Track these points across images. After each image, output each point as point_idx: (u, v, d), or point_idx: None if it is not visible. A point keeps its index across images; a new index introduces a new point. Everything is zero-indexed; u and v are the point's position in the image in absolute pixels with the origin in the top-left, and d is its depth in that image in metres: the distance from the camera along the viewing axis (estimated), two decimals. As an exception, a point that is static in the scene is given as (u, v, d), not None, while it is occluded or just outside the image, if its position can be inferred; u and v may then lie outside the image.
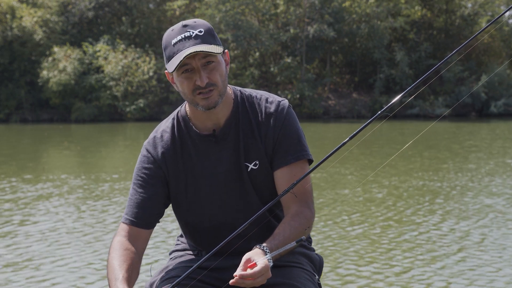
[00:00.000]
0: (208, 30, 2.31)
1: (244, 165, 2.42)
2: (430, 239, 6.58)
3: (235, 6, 36.86)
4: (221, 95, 2.33)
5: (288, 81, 37.60)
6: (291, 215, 2.36)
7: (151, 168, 2.44)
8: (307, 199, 2.42)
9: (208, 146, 2.43)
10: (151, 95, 35.53)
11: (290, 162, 2.40)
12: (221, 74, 2.31)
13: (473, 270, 5.45)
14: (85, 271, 5.56)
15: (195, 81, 2.29)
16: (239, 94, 2.47)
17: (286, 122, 2.42)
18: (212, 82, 2.29)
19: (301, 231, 2.34)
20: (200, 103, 2.32)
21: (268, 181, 2.45)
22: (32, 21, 36.88)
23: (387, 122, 24.74)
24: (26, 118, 35.67)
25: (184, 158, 2.44)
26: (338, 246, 6.30)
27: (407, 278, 5.25)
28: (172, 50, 2.29)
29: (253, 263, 2.12)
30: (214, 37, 2.31)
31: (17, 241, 6.69)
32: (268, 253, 2.16)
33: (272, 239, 2.25)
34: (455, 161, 13.75)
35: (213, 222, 2.46)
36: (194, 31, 2.28)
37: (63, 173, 12.23)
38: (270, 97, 2.47)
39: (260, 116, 2.43)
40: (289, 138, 2.42)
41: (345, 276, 5.32)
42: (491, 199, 8.80)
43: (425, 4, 41.19)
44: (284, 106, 2.44)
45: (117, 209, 8.40)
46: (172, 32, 2.32)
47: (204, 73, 2.28)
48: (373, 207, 8.37)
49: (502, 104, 35.83)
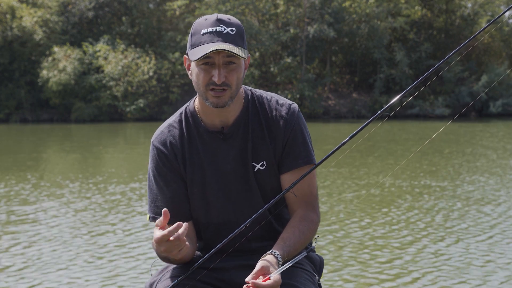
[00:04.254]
0: (239, 31, 2.31)
1: (251, 164, 2.42)
2: (431, 238, 6.58)
3: (235, 6, 36.87)
4: (232, 97, 2.33)
5: (288, 81, 37.60)
6: (299, 219, 2.38)
7: (166, 164, 2.44)
8: (313, 203, 2.44)
9: (216, 143, 2.43)
10: (151, 95, 35.54)
11: (299, 165, 2.41)
12: (238, 77, 2.31)
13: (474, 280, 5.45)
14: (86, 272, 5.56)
15: (212, 76, 2.28)
16: (250, 94, 2.48)
17: (297, 126, 2.44)
18: (227, 82, 2.29)
19: (309, 236, 2.37)
20: (210, 99, 2.31)
21: (273, 183, 2.45)
22: (32, 21, 36.88)
23: (388, 122, 24.75)
24: (26, 118, 35.67)
25: (192, 153, 2.44)
26: (339, 246, 6.30)
27: (408, 278, 5.25)
28: (199, 39, 2.28)
29: (267, 277, 2.13)
30: (243, 40, 2.32)
31: (17, 241, 6.69)
32: (280, 260, 2.20)
33: (283, 244, 2.27)
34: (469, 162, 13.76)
35: (218, 219, 2.46)
36: (227, 29, 2.28)
37: (63, 174, 12.23)
38: (280, 99, 2.48)
39: (271, 118, 2.44)
40: (299, 142, 2.43)
41: (345, 276, 5.32)
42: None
43: (425, 4, 41.19)
44: (295, 110, 2.45)
45: (117, 209, 8.41)
46: (204, 22, 2.30)
47: (223, 71, 2.27)
48: (373, 207, 8.37)
49: (501, 104, 35.81)
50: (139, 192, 9.69)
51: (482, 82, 36.49)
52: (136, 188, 10.09)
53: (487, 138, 20.73)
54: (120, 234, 6.93)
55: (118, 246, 6.40)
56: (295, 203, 2.42)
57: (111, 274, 5.43)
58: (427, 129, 25.63)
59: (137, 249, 6.24)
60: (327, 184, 10.28)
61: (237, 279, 2.39)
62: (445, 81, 37.34)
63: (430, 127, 26.70)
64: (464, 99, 36.41)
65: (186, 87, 37.00)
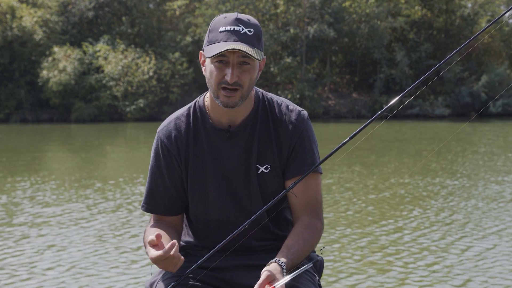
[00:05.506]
0: (257, 32, 2.31)
1: (255, 166, 2.43)
2: (430, 239, 6.58)
3: (235, 6, 36.86)
4: (243, 98, 2.33)
5: (288, 81, 37.60)
6: (304, 226, 2.38)
7: (166, 157, 2.46)
8: (317, 210, 2.45)
9: (221, 141, 2.43)
10: (151, 95, 35.53)
11: (304, 172, 2.41)
12: (251, 78, 2.31)
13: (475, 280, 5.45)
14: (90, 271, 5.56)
15: (225, 75, 2.28)
16: (261, 96, 2.48)
17: (305, 133, 2.45)
18: (240, 82, 2.29)
19: (313, 243, 2.37)
20: (221, 98, 2.32)
21: (275, 186, 2.45)
22: (32, 21, 36.87)
23: (388, 122, 24.76)
24: (26, 118, 35.66)
25: (196, 148, 2.45)
26: (339, 246, 6.30)
27: (407, 278, 5.25)
28: (216, 37, 2.28)
29: (272, 286, 2.14)
30: (259, 41, 2.32)
31: (17, 242, 6.69)
32: (284, 269, 2.20)
33: (287, 252, 2.27)
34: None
35: (217, 216, 2.47)
36: (245, 29, 2.28)
37: (63, 174, 12.23)
38: (291, 105, 2.49)
39: (279, 122, 2.45)
40: (306, 149, 2.44)
41: (345, 276, 5.32)
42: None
43: (425, 4, 41.19)
44: (304, 117, 2.47)
45: (119, 209, 8.41)
46: (224, 20, 2.31)
47: (236, 71, 2.27)
48: (373, 207, 8.37)
49: (501, 104, 35.82)
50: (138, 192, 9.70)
51: (482, 82, 36.50)
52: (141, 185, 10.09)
53: (504, 138, 20.73)
54: (120, 233, 6.94)
55: (118, 246, 6.40)
56: (299, 210, 2.42)
57: (111, 275, 5.43)
58: (437, 128, 25.63)
59: (136, 249, 6.25)
60: (326, 183, 10.28)
61: (237, 279, 2.40)
62: (445, 81, 37.34)
63: (432, 126, 26.71)
64: (464, 99, 36.42)
65: (186, 87, 37.01)
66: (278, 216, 2.50)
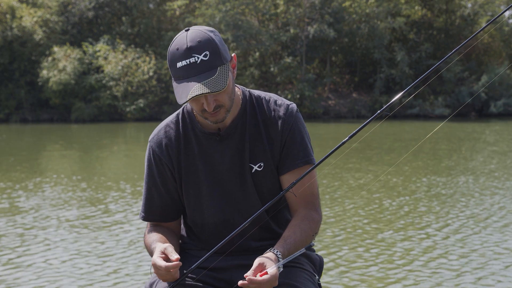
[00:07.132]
0: (213, 50, 2.22)
1: (248, 166, 2.42)
2: (430, 238, 6.58)
3: (235, 6, 36.86)
4: (228, 110, 2.32)
5: (288, 81, 37.60)
6: (301, 218, 2.38)
7: (159, 166, 2.47)
8: (314, 202, 2.44)
9: (212, 144, 2.43)
10: (151, 95, 35.54)
11: (298, 166, 2.41)
12: (228, 92, 2.28)
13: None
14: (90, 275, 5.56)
15: (202, 104, 2.27)
16: (248, 95, 2.47)
17: (295, 127, 2.43)
18: (219, 104, 2.28)
19: (310, 235, 2.37)
20: (208, 119, 2.32)
21: (271, 183, 2.45)
22: (32, 21, 36.89)
23: (388, 122, 24.77)
24: (26, 118, 35.67)
25: (188, 153, 2.45)
26: (339, 246, 6.30)
27: (407, 279, 5.25)
28: (177, 73, 2.24)
29: (264, 271, 2.14)
30: (219, 55, 2.23)
31: (17, 242, 6.69)
32: (280, 259, 2.20)
33: (283, 242, 2.27)
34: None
35: (214, 219, 2.47)
36: (200, 56, 2.20)
37: (63, 174, 12.24)
38: (279, 100, 2.47)
39: (268, 118, 2.43)
40: (298, 143, 2.43)
41: (345, 276, 5.32)
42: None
43: (425, 4, 41.20)
44: (293, 110, 2.44)
45: (119, 209, 8.41)
46: (177, 52, 2.23)
47: (211, 98, 2.25)
48: (374, 207, 8.36)
49: (502, 104, 35.83)
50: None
51: (482, 82, 36.49)
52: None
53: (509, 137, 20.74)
54: (120, 233, 6.94)
55: (117, 246, 6.40)
56: (296, 203, 2.42)
57: (112, 273, 5.43)
58: (442, 128, 25.62)
59: (137, 249, 6.25)
60: (325, 183, 10.28)
61: (236, 278, 2.39)
62: (445, 81, 37.34)
63: (432, 126, 26.72)
64: (464, 99, 36.43)
65: (186, 87, 36.98)
66: (277, 216, 2.50)
